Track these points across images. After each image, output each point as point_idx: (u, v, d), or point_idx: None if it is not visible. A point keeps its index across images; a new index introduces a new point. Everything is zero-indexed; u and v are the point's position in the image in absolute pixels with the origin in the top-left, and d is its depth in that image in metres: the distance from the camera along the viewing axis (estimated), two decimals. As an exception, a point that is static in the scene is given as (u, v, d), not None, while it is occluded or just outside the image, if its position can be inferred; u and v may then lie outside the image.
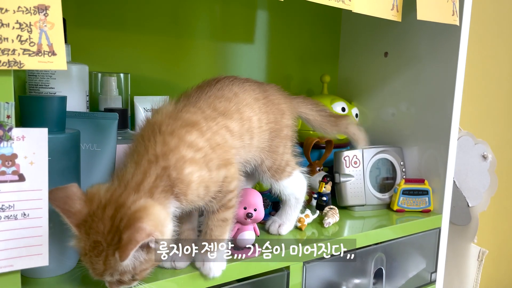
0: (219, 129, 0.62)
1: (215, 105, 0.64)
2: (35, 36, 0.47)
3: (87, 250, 0.52)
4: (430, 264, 0.98)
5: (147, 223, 0.50)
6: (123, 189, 0.54)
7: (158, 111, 0.62)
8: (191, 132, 0.58)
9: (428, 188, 0.96)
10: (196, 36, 1.01)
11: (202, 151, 0.58)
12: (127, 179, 0.55)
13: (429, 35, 0.98)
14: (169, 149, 0.56)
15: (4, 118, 0.48)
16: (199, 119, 0.61)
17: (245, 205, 0.68)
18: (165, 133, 0.57)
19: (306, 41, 1.18)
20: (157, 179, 0.55)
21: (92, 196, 0.54)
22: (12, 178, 0.49)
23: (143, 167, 0.55)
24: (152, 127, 0.59)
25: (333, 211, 0.88)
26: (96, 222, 0.52)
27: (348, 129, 0.86)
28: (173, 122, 0.59)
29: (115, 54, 0.91)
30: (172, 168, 0.55)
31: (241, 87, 0.70)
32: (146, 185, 0.54)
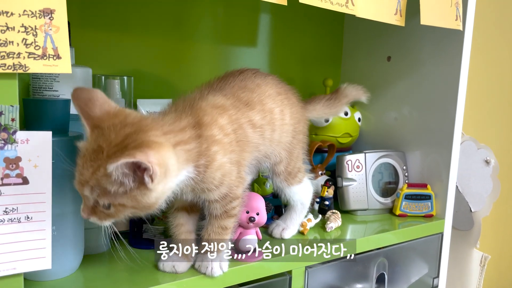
0: (243, 123, 0.63)
1: (239, 95, 0.66)
2: (40, 39, 0.47)
3: (86, 152, 0.51)
4: (432, 269, 0.98)
5: (153, 155, 0.48)
6: (154, 124, 0.54)
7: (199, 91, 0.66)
8: (222, 115, 0.61)
9: (430, 193, 0.96)
10: (199, 39, 1.01)
11: (229, 137, 0.60)
12: (163, 122, 0.55)
13: (432, 40, 0.98)
14: (204, 123, 0.58)
15: (8, 121, 0.48)
16: (227, 104, 0.63)
17: (248, 209, 0.68)
18: (198, 108, 0.59)
19: (308, 44, 1.18)
20: (189, 139, 0.56)
21: (120, 112, 0.54)
22: (16, 181, 0.49)
23: (182, 124, 0.57)
24: (192, 101, 0.61)
25: (336, 215, 0.88)
26: (111, 131, 0.51)
27: (348, 95, 0.89)
28: (204, 102, 0.61)
29: (118, 57, 0.91)
30: (204, 139, 0.57)
31: (264, 79, 0.71)
32: (177, 137, 0.55)
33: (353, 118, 1.09)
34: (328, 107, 0.87)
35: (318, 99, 0.86)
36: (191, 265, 0.64)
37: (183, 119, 0.58)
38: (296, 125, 0.74)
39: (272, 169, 0.74)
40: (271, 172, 0.75)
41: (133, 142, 0.50)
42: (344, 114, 1.07)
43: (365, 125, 1.14)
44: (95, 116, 0.52)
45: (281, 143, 0.72)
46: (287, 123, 0.72)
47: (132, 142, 0.50)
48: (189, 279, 0.62)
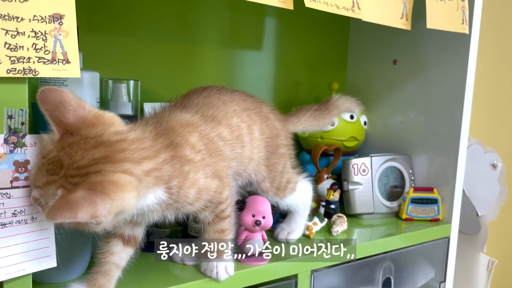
0: (214, 137, 0.62)
1: (204, 111, 0.64)
2: (50, 44, 0.48)
3: (46, 158, 0.47)
4: (439, 273, 0.98)
5: (104, 205, 0.45)
6: (131, 149, 0.50)
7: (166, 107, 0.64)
8: (192, 133, 0.59)
9: (437, 197, 0.96)
10: (205, 43, 1.02)
11: (201, 154, 0.59)
12: (143, 145, 0.52)
13: (438, 43, 0.98)
14: (177, 144, 0.56)
15: (18, 125, 0.48)
16: (196, 120, 0.62)
17: (254, 212, 0.68)
18: (171, 130, 0.58)
19: (314, 48, 1.19)
20: (163, 163, 0.53)
21: (102, 122, 0.50)
22: (24, 184, 0.50)
23: (158, 146, 0.54)
24: (164, 122, 0.59)
25: (341, 219, 0.88)
26: (79, 148, 0.47)
27: (340, 107, 0.86)
28: (176, 121, 0.60)
29: (125, 61, 0.92)
30: (177, 161, 0.55)
31: (230, 96, 0.70)
32: (151, 164, 0.51)
33: (359, 121, 1.09)
34: (316, 118, 0.83)
35: (304, 110, 0.83)
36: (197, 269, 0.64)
37: (159, 140, 0.55)
38: (270, 139, 0.72)
39: (259, 188, 0.73)
40: (260, 190, 0.73)
41: (94, 174, 0.46)
42: (350, 117, 1.07)
43: (371, 129, 1.14)
44: (68, 123, 0.48)
45: (253, 160, 0.69)
46: (256, 138, 0.69)
47: (93, 175, 0.46)
48: (195, 282, 0.62)
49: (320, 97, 1.21)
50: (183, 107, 0.65)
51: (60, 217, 0.43)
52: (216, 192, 0.60)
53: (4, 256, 0.48)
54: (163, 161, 0.53)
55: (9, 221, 0.49)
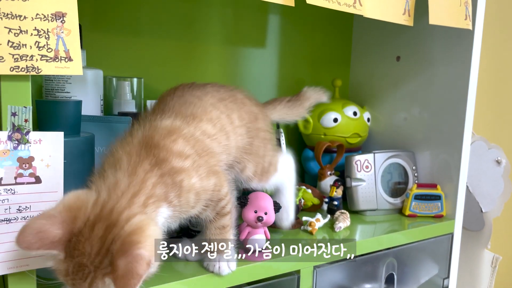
0: (199, 136, 0.61)
1: (182, 111, 0.63)
2: (53, 42, 0.49)
3: (69, 272, 0.47)
4: (443, 270, 0.97)
5: (145, 249, 0.46)
6: (115, 202, 0.50)
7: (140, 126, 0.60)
8: (176, 141, 0.57)
9: (440, 193, 0.96)
10: (209, 41, 1.02)
11: (190, 158, 0.58)
12: (121, 190, 0.51)
13: (441, 39, 0.97)
14: (161, 160, 0.55)
15: (22, 122, 0.49)
16: (177, 124, 0.60)
17: (256, 208, 0.68)
18: (151, 145, 0.56)
19: (317, 45, 1.19)
20: (153, 188, 0.53)
21: (76, 211, 0.49)
22: (29, 180, 0.50)
23: (140, 177, 0.52)
24: (136, 141, 0.57)
25: (344, 215, 0.88)
26: (83, 242, 0.47)
27: (310, 98, 0.86)
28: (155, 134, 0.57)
29: (129, 59, 0.93)
30: (167, 176, 0.54)
31: (202, 90, 0.69)
32: (142, 196, 0.51)
33: (362, 118, 1.08)
34: (290, 108, 0.84)
35: (279, 100, 0.83)
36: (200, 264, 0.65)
37: (138, 171, 0.53)
38: (251, 124, 0.72)
39: (242, 177, 0.71)
40: (244, 181, 0.72)
41: (113, 243, 0.46)
42: (353, 114, 1.07)
43: (374, 125, 1.14)
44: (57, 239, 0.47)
45: (239, 148, 0.69)
46: (238, 125, 0.69)
47: (113, 244, 0.46)
48: (198, 277, 0.63)
49: (323, 94, 1.21)
50: (162, 113, 0.63)
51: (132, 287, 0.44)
52: (215, 191, 0.60)
53: (8, 251, 0.49)
54: (152, 187, 0.53)
55: (14, 217, 0.50)
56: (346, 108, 1.07)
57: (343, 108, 1.07)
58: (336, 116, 1.05)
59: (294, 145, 1.18)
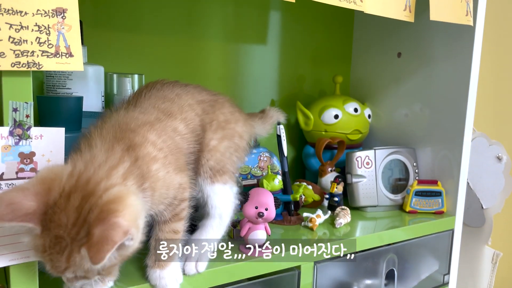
0: (170, 132, 0.60)
1: (159, 106, 0.62)
2: (53, 38, 0.49)
3: (46, 247, 0.45)
4: (443, 266, 0.98)
5: (123, 217, 0.44)
6: (91, 173, 0.48)
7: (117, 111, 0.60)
8: (150, 131, 0.57)
9: (441, 190, 0.96)
10: (210, 38, 1.02)
11: (162, 151, 0.56)
12: (98, 162, 0.49)
13: (442, 36, 0.97)
14: (137, 144, 0.54)
15: (23, 118, 0.49)
16: (151, 118, 0.59)
17: (257, 204, 0.68)
18: (126, 130, 0.55)
19: (318, 42, 1.19)
20: (131, 166, 0.51)
21: (50, 183, 0.47)
22: (30, 175, 0.51)
23: (118, 153, 0.51)
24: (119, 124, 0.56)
25: (345, 211, 0.88)
26: (58, 213, 0.45)
27: (273, 117, 0.85)
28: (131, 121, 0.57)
29: (130, 56, 0.93)
30: (141, 160, 0.53)
31: (184, 89, 0.68)
32: (120, 170, 0.50)
33: (363, 114, 1.09)
34: (262, 123, 0.82)
35: (254, 115, 0.82)
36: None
37: (115, 148, 0.52)
38: (230, 125, 0.70)
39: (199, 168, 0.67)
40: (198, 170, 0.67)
41: (90, 213, 0.45)
42: (354, 110, 1.07)
43: (375, 122, 1.14)
44: (31, 211, 0.45)
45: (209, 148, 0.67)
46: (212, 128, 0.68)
47: (90, 214, 0.45)
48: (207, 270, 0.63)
49: (324, 91, 1.21)
50: (138, 104, 0.62)
51: (105, 253, 0.42)
52: (180, 189, 0.58)
53: (9, 244, 0.49)
54: (129, 165, 0.51)
55: (15, 211, 0.50)
56: (347, 105, 1.07)
57: (344, 105, 1.07)
58: (337, 113, 1.05)
59: (295, 142, 1.18)
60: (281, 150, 0.88)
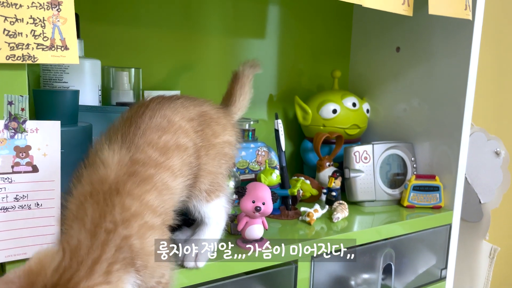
0: (167, 179, 0.53)
1: (155, 142, 0.53)
2: (48, 31, 0.48)
3: None
4: (441, 260, 0.98)
5: None
6: (75, 269, 0.43)
7: (103, 163, 0.50)
8: (151, 192, 0.50)
9: (439, 184, 0.96)
10: (208, 32, 1.02)
11: (161, 216, 0.50)
12: (81, 255, 0.44)
13: (441, 30, 0.97)
14: (130, 215, 0.47)
15: (18, 111, 0.49)
16: (152, 172, 0.51)
17: (254, 198, 0.68)
18: (123, 194, 0.47)
19: (317, 36, 1.18)
20: (116, 252, 0.45)
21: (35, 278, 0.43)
22: (26, 169, 0.50)
23: (101, 239, 0.45)
24: (103, 186, 0.48)
25: (343, 206, 0.88)
26: None
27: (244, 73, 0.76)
28: (128, 179, 0.49)
29: (127, 49, 0.92)
30: (134, 238, 0.46)
31: (172, 108, 0.58)
32: (103, 263, 0.44)
33: (361, 109, 1.08)
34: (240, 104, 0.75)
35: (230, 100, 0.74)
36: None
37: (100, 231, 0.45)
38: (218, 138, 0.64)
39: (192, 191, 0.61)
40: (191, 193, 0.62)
41: None
42: (352, 105, 1.07)
43: (373, 117, 1.14)
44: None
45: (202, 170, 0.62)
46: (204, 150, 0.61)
47: None
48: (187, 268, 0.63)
49: (323, 85, 1.21)
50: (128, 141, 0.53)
51: None
52: None
53: (5, 239, 0.49)
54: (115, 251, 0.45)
55: (11, 205, 0.50)
56: (345, 99, 1.06)
57: (342, 99, 1.06)
58: (335, 107, 1.05)
59: (293, 136, 1.18)
60: (279, 145, 0.88)
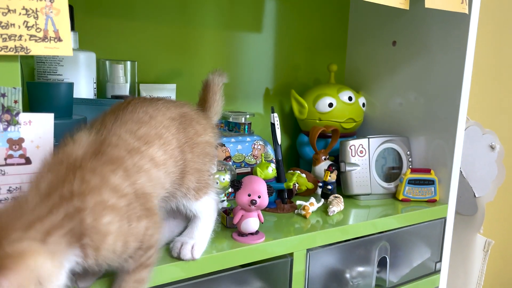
0: (144, 164, 0.53)
1: (134, 131, 0.54)
2: (41, 22, 0.48)
3: None
4: (435, 253, 0.98)
5: (10, 280, 0.38)
6: (11, 219, 0.42)
7: (75, 141, 0.50)
8: (116, 172, 0.48)
9: (434, 178, 0.96)
10: (204, 25, 1.01)
11: (126, 198, 0.48)
12: (25, 208, 0.43)
13: (438, 24, 0.97)
14: (88, 189, 0.45)
15: (11, 103, 0.49)
16: (123, 154, 0.51)
17: (249, 192, 0.68)
18: (85, 168, 0.47)
19: (314, 30, 1.18)
20: (64, 219, 0.43)
21: None
22: (19, 161, 0.50)
23: (52, 201, 0.44)
24: (69, 159, 0.47)
25: (338, 199, 0.89)
26: None
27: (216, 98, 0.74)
28: (95, 157, 0.49)
29: (122, 42, 0.92)
30: (88, 212, 0.44)
31: (154, 107, 0.59)
32: (46, 223, 0.42)
33: (357, 103, 1.08)
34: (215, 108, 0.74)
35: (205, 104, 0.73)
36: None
37: (54, 195, 0.44)
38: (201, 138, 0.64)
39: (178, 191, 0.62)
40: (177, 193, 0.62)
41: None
42: (348, 99, 1.06)
43: (369, 111, 1.14)
44: None
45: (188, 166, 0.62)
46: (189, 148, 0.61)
47: None
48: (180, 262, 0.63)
49: (319, 79, 1.21)
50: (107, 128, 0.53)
51: None
52: (146, 235, 0.50)
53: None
54: (63, 217, 0.43)
55: (4, 197, 0.50)
56: (341, 93, 1.06)
57: (338, 93, 1.06)
58: (331, 101, 1.05)
59: (289, 130, 1.18)
60: (275, 139, 0.88)
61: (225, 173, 0.79)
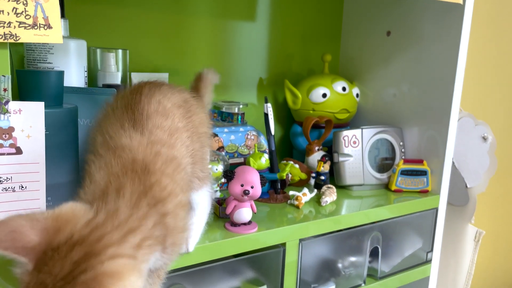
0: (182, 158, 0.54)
1: (161, 125, 0.53)
2: (31, 9, 0.47)
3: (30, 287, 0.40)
4: (427, 243, 0.99)
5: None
6: (108, 231, 0.42)
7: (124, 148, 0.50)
8: (178, 171, 0.50)
9: (426, 169, 0.97)
10: (197, 13, 1.00)
11: (186, 194, 0.52)
12: (118, 219, 0.44)
13: (432, 14, 0.96)
14: (167, 193, 0.47)
15: (1, 92, 0.48)
16: (174, 153, 0.52)
17: (242, 182, 0.68)
18: (155, 172, 0.48)
19: (308, 19, 1.17)
20: (153, 228, 0.45)
21: (63, 223, 0.42)
22: (9, 151, 0.49)
23: (142, 211, 0.45)
24: (133, 166, 0.48)
25: (331, 190, 0.89)
26: (55, 260, 0.40)
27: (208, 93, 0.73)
28: (156, 158, 0.50)
29: (114, 30, 0.90)
30: (170, 216, 0.47)
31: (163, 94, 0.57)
32: (138, 235, 0.44)
33: (351, 94, 1.08)
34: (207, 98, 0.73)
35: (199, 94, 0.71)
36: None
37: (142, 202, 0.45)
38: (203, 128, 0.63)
39: None
40: None
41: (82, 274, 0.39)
42: (342, 89, 1.06)
43: (363, 101, 1.14)
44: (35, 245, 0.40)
45: None
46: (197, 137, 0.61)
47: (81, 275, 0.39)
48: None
49: (313, 69, 1.20)
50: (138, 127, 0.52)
51: None
52: None
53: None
54: (152, 226, 0.45)
55: (-6, 188, 0.49)
56: (335, 83, 1.06)
57: (332, 84, 1.06)
58: (325, 91, 1.04)
59: (283, 121, 1.17)
60: (268, 129, 0.88)
61: (218, 163, 0.79)
